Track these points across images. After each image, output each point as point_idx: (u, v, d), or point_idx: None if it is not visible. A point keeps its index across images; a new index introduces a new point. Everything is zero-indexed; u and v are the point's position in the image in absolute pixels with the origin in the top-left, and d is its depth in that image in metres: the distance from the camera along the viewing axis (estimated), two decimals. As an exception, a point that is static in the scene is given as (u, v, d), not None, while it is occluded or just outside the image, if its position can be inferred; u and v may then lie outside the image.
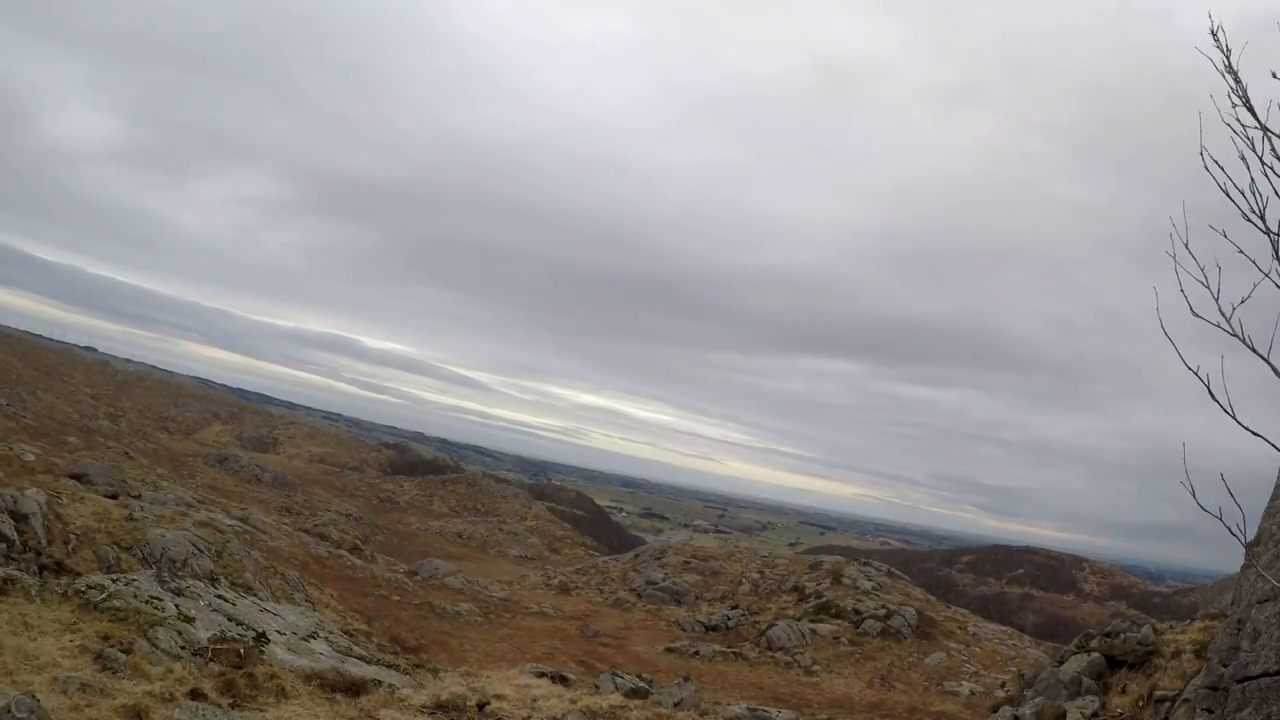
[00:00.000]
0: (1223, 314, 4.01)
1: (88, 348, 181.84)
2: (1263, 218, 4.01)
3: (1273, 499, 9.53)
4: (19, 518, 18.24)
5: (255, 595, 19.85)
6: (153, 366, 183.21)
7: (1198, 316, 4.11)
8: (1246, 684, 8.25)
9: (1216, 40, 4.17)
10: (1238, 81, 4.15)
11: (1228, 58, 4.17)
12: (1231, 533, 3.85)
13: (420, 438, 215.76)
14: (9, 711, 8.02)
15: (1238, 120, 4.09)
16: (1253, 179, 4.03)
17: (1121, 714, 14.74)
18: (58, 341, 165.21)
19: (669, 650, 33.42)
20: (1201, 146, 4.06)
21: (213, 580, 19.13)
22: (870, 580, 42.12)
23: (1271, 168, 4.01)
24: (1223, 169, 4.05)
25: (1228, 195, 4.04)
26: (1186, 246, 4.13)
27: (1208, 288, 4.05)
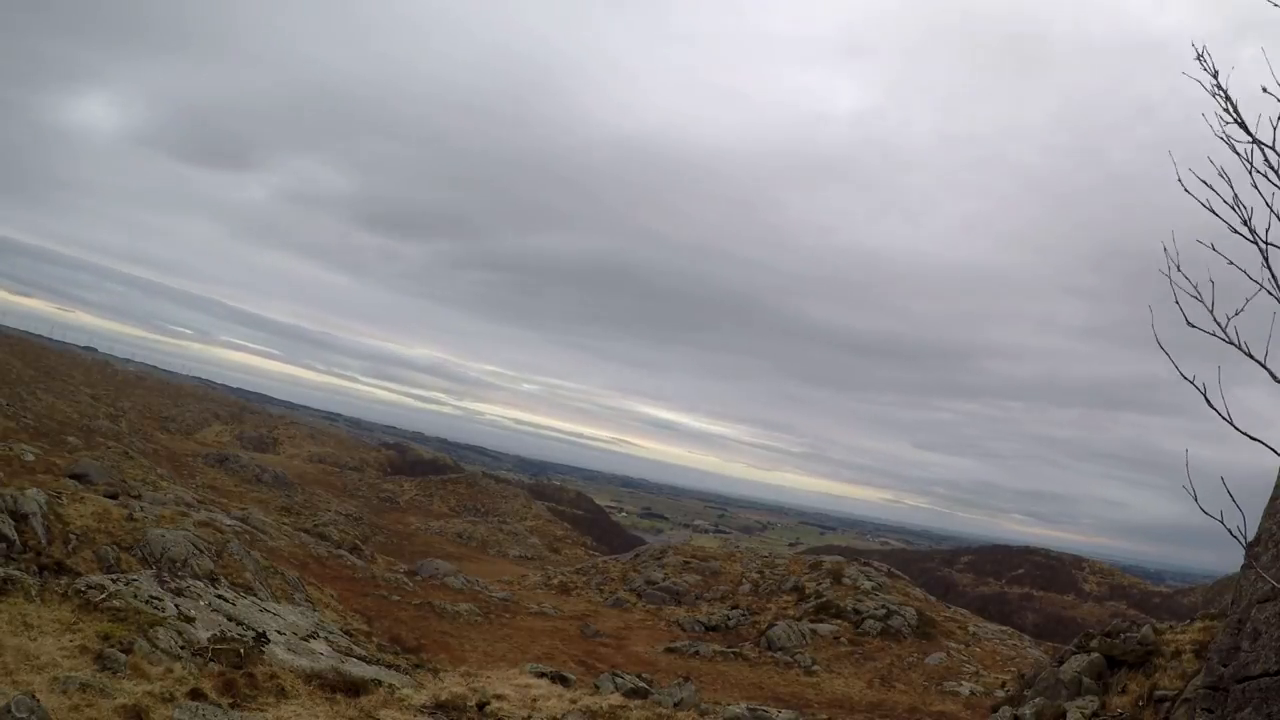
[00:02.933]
0: (1218, 323, 4.08)
1: (88, 348, 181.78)
2: (1251, 230, 4.11)
3: (1272, 499, 9.53)
4: (19, 518, 18.23)
5: (255, 595, 19.84)
6: (153, 366, 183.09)
7: (1193, 327, 4.22)
8: (1246, 684, 8.25)
9: (1203, 63, 4.33)
10: (1228, 99, 4.30)
11: (1215, 77, 4.32)
12: (1232, 534, 3.86)
13: (420, 438, 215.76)
14: (9, 711, 8.02)
15: (1225, 137, 4.24)
16: (1236, 194, 4.19)
17: (1121, 714, 14.74)
18: (58, 341, 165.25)
19: (669, 650, 33.41)
20: (1178, 176, 4.23)
21: (213, 580, 19.12)
22: (870, 580, 42.10)
23: (1265, 176, 4.10)
24: (1208, 185, 4.15)
25: (1213, 212, 4.17)
26: (1179, 269, 4.27)
27: (1201, 301, 4.17)
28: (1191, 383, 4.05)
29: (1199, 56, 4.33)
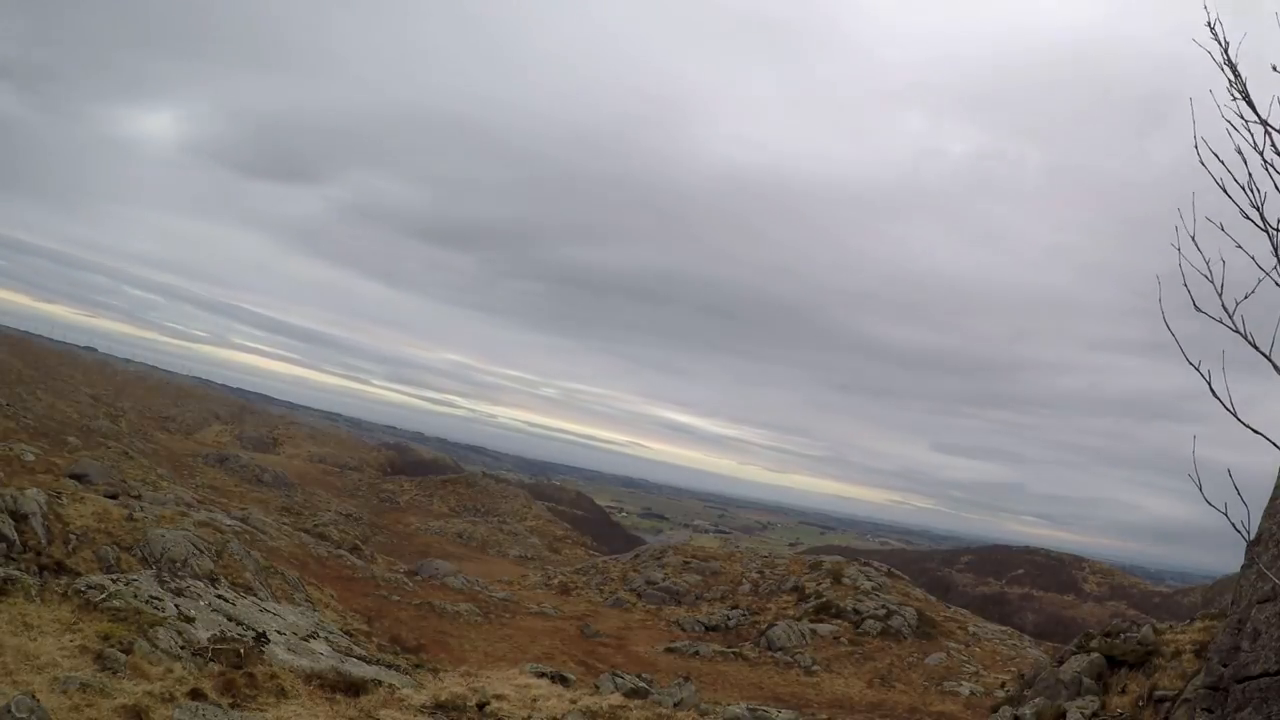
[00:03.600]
0: (1225, 309, 3.97)
1: (88, 348, 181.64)
2: (1262, 214, 3.96)
3: (1273, 499, 9.52)
4: (19, 518, 18.23)
5: (255, 595, 19.83)
6: (153, 366, 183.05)
7: (1200, 311, 4.04)
8: (1246, 684, 8.25)
9: (1214, 33, 4.06)
10: (1236, 74, 4.04)
11: (1225, 50, 4.06)
12: (1236, 529, 3.83)
13: (420, 438, 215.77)
14: (9, 711, 8.01)
15: (1239, 115, 3.99)
16: (1250, 174, 3.96)
17: (1121, 714, 14.73)
18: (58, 341, 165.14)
19: (669, 650, 33.40)
20: (1195, 142, 3.99)
21: (213, 580, 19.11)
22: (870, 580, 42.09)
23: (1271, 164, 3.95)
24: (1222, 162, 3.99)
25: (1225, 191, 3.98)
26: (1193, 238, 4.04)
27: (1211, 282, 3.98)
28: (1196, 369, 3.95)
29: (1210, 25, 4.03)
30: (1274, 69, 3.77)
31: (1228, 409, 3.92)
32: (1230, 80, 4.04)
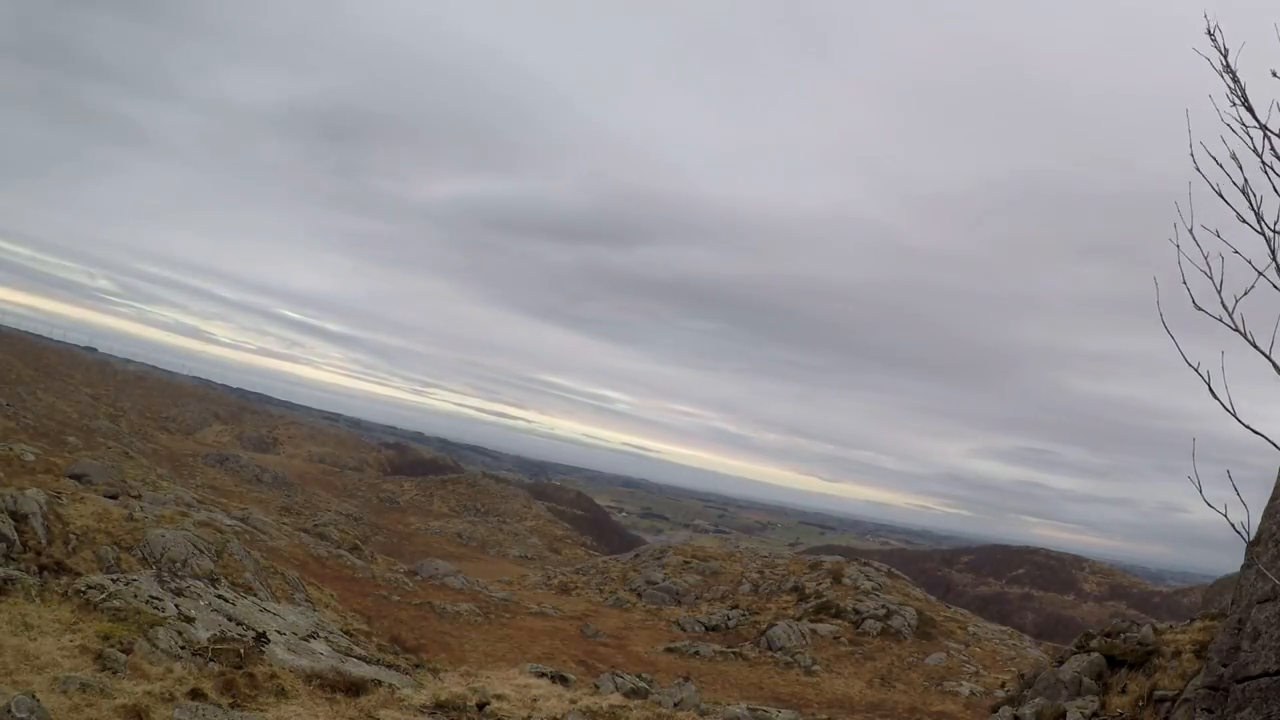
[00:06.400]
0: (1225, 307, 3.96)
1: (88, 348, 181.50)
2: (1259, 218, 3.97)
3: (1272, 499, 9.52)
4: (19, 518, 18.24)
5: (255, 595, 19.83)
6: (153, 366, 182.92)
7: (1200, 310, 4.04)
8: (1246, 684, 8.25)
9: (1214, 39, 4.10)
10: (1236, 81, 4.07)
11: (1225, 57, 4.09)
12: (1235, 529, 3.84)
13: (420, 438, 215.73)
14: (9, 711, 8.01)
15: (1239, 120, 4.01)
16: (1246, 179, 3.97)
17: (1121, 714, 14.73)
18: (58, 341, 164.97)
19: (669, 650, 33.40)
20: (1191, 149, 4.00)
21: (213, 580, 19.11)
22: (870, 580, 42.09)
23: (1271, 167, 3.96)
24: (1220, 165, 4.00)
25: (1221, 196, 4.00)
26: (1191, 233, 4.02)
27: (1210, 278, 3.98)
28: (1195, 370, 3.97)
29: (1210, 32, 4.06)
30: (1274, 74, 3.78)
31: (1227, 409, 3.92)
32: (1230, 86, 4.06)
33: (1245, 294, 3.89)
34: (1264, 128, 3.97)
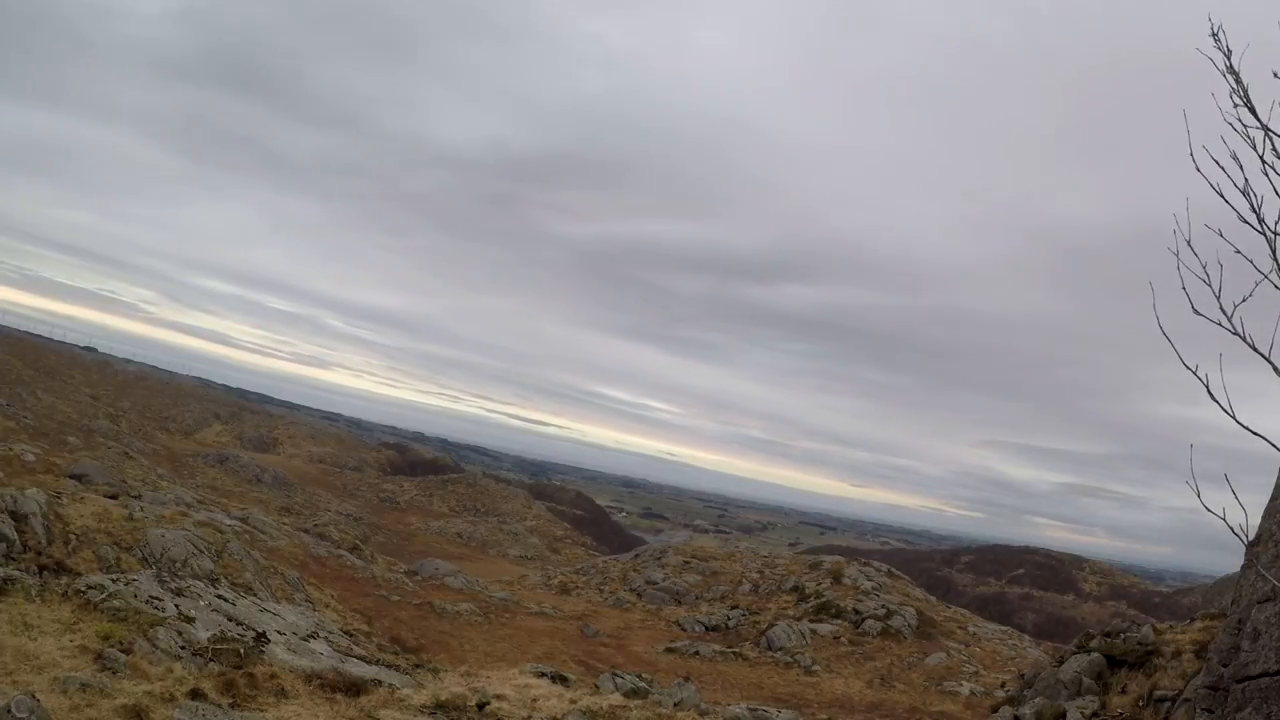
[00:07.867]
0: (1224, 312, 3.98)
1: (88, 348, 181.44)
2: (1260, 218, 3.99)
3: (1272, 499, 9.53)
4: (19, 518, 18.25)
5: (255, 595, 19.83)
6: (153, 366, 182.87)
7: (1199, 315, 4.07)
8: (1246, 684, 8.26)
9: (1217, 41, 4.13)
10: (1239, 82, 4.11)
11: (1228, 58, 4.13)
12: (1234, 532, 3.84)
13: (420, 438, 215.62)
14: (9, 711, 8.02)
15: (1240, 121, 4.05)
16: (1247, 179, 4.00)
17: (1121, 714, 14.74)
18: (58, 341, 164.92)
19: (669, 650, 33.41)
20: (1191, 150, 4.03)
21: (213, 580, 19.12)
22: (870, 580, 42.11)
23: (1272, 167, 3.99)
24: (1221, 167, 4.02)
25: (1222, 196, 4.03)
26: (1189, 244, 4.07)
27: (1209, 285, 4.01)
28: (1194, 373, 3.99)
29: (1214, 34, 4.11)
30: (1275, 75, 3.81)
31: (1226, 411, 3.93)
32: (1233, 87, 4.10)
33: (1244, 300, 3.92)
34: (1265, 128, 4.00)
